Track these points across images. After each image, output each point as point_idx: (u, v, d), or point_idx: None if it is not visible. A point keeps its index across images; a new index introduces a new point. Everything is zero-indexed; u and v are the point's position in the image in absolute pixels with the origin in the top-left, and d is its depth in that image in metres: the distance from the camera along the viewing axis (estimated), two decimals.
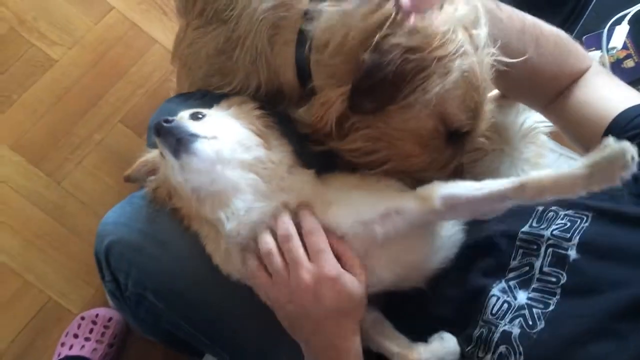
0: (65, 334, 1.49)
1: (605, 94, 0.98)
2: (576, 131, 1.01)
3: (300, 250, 0.82)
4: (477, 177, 1.07)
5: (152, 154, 0.95)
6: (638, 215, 0.78)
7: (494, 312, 0.81)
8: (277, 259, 0.82)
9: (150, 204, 0.95)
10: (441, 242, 0.90)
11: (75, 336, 1.47)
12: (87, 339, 1.45)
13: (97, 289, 1.58)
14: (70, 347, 1.45)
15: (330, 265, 0.81)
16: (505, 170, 1.10)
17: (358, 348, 0.84)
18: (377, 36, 0.78)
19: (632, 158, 0.67)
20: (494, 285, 0.83)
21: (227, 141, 0.85)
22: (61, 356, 1.44)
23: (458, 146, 0.92)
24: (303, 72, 0.92)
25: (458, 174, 0.94)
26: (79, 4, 1.80)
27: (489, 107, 0.91)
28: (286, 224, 0.84)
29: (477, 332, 0.82)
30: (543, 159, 1.18)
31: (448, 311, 0.88)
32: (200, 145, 0.81)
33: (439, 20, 0.79)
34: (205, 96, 1.05)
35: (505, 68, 0.87)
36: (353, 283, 0.82)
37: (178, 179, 0.84)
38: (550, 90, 1.03)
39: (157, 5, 1.85)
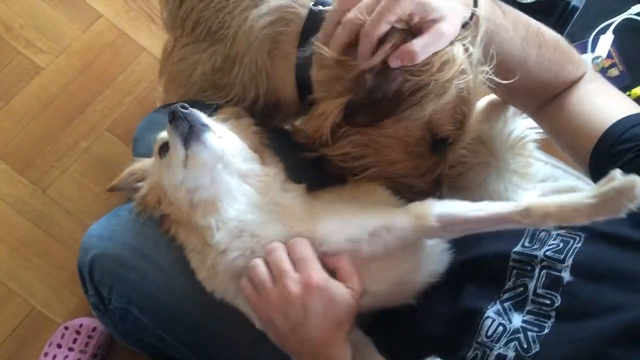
0: (48, 343, 1.47)
1: (598, 103, 0.97)
2: (567, 139, 1.00)
3: (286, 261, 0.81)
4: (463, 190, 1.08)
5: (141, 164, 0.94)
6: (630, 237, 0.77)
7: (489, 334, 0.79)
8: (263, 270, 0.81)
9: (136, 217, 0.93)
10: (427, 255, 0.89)
11: (59, 346, 1.45)
12: (70, 349, 1.43)
13: (81, 299, 1.55)
14: (54, 357, 1.43)
15: (317, 273, 0.80)
16: (492, 183, 1.09)
17: (348, 357, 0.83)
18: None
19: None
20: (489, 306, 0.82)
21: (230, 145, 0.86)
22: None
23: (441, 155, 0.92)
24: (303, 84, 0.92)
25: (438, 182, 0.94)
26: (67, 12, 1.80)
27: (475, 119, 0.92)
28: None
29: (470, 354, 0.80)
30: (531, 168, 1.18)
31: (440, 329, 0.87)
32: (210, 137, 0.81)
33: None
34: (193, 106, 1.04)
35: (495, 86, 0.87)
36: (342, 291, 0.81)
37: (176, 177, 0.83)
38: (544, 96, 1.02)
39: (145, 13, 1.85)
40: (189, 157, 0.81)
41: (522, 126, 1.16)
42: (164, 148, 0.85)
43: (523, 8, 1.59)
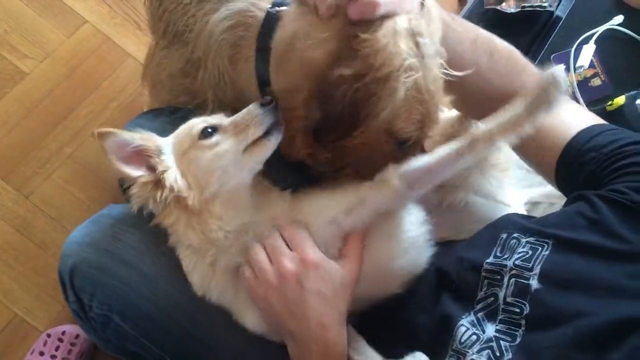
0: (30, 351, 1.45)
1: (559, 115, 0.97)
2: (531, 151, 1.00)
3: (281, 241, 0.84)
4: (451, 189, 1.10)
5: (153, 137, 0.88)
6: (595, 244, 0.78)
7: (462, 341, 0.81)
8: (260, 252, 0.84)
9: (117, 224, 0.93)
10: (408, 243, 0.91)
11: (41, 354, 1.43)
12: (53, 357, 1.42)
13: (64, 306, 1.52)
14: None
15: (312, 250, 0.83)
16: (476, 180, 1.12)
17: (344, 340, 0.84)
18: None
19: (563, 79, 0.74)
20: (463, 317, 0.83)
21: None
22: None
23: (409, 150, 0.92)
24: (264, 83, 0.92)
25: None
26: (52, 18, 1.79)
27: (437, 115, 0.91)
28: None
29: None
30: (510, 162, 1.19)
31: (420, 336, 0.88)
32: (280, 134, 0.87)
33: (379, 34, 0.78)
34: (174, 112, 1.04)
35: (453, 79, 0.87)
36: (337, 268, 0.84)
37: (223, 159, 0.84)
38: (503, 106, 1.02)
39: (131, 19, 1.85)
40: (258, 144, 0.85)
41: None
42: (207, 131, 0.85)
43: (507, 18, 1.62)
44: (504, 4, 1.64)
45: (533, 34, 1.65)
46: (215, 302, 0.90)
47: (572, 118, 0.95)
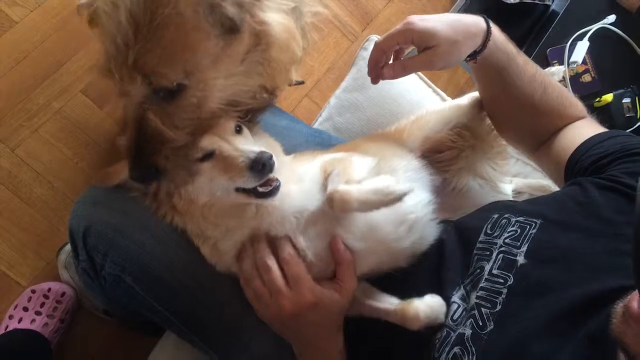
0: (14, 306, 1.44)
1: (584, 132, 1.03)
2: (554, 167, 1.06)
3: (279, 280, 0.86)
4: (457, 172, 1.14)
5: None
6: (580, 224, 0.84)
7: (454, 318, 0.86)
8: (258, 284, 0.88)
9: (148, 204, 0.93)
10: (413, 224, 0.94)
11: (25, 309, 1.42)
12: (37, 313, 1.41)
13: (48, 262, 1.53)
14: (20, 320, 1.40)
15: (309, 291, 0.86)
16: (479, 166, 1.16)
17: (340, 344, 0.90)
18: None
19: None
20: (454, 292, 0.88)
21: None
22: (9, 329, 1.39)
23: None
24: None
25: None
26: None
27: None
28: (263, 254, 0.87)
29: (438, 334, 0.86)
30: (509, 152, 1.24)
31: None
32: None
33: None
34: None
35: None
36: (332, 300, 0.87)
37: (214, 187, 0.84)
38: (545, 134, 1.08)
39: None
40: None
41: None
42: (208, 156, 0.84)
43: (506, 8, 1.66)
44: None
45: (528, 26, 1.69)
46: (225, 271, 0.92)
47: (588, 131, 1.01)
